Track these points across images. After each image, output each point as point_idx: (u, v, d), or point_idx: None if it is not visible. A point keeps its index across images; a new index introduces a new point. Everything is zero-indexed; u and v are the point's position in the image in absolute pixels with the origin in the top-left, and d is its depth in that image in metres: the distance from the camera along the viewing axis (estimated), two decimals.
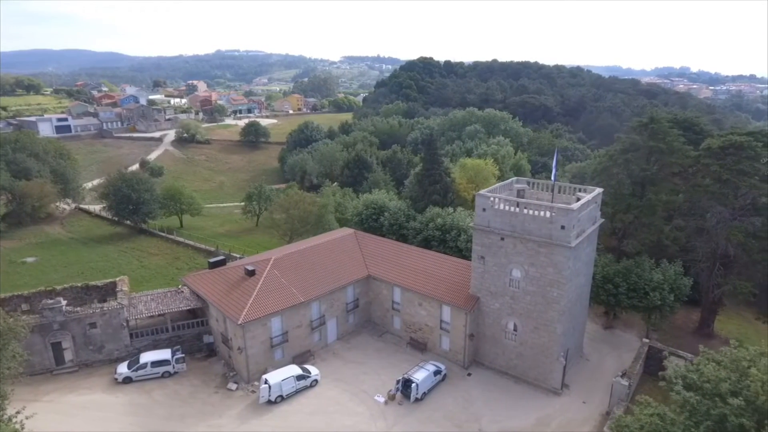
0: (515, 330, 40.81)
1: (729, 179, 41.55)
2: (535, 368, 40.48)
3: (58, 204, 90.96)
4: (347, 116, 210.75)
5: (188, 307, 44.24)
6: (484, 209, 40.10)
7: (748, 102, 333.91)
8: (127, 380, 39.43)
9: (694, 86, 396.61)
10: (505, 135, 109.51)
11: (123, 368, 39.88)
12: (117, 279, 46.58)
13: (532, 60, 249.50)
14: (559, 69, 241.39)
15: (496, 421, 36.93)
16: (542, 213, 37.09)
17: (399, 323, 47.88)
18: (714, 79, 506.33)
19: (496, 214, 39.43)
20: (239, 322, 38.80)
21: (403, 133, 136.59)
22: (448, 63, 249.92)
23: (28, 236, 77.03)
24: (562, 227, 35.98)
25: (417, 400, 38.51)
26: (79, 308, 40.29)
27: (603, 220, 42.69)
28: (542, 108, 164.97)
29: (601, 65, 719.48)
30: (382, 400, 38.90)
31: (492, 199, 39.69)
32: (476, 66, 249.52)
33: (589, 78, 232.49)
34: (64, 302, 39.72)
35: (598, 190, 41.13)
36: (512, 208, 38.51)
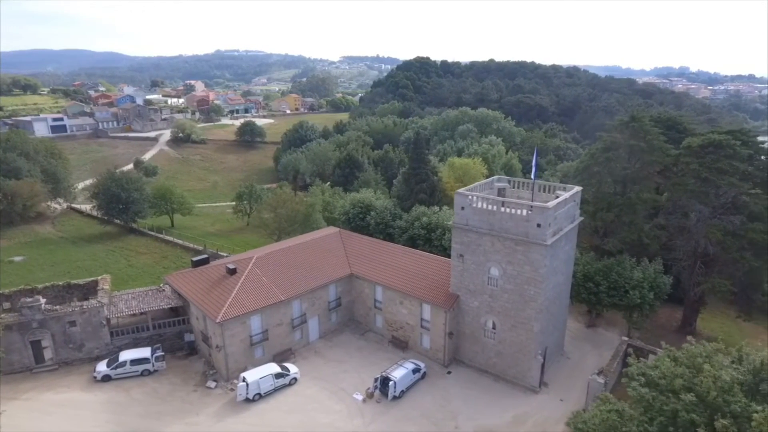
0: (494, 328, 40.89)
1: (708, 178, 41.61)
2: (514, 366, 40.55)
3: (49, 203, 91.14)
4: (344, 116, 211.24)
5: (169, 306, 44.32)
6: (462, 207, 40.18)
7: (747, 102, 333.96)
8: (106, 378, 39.51)
9: (693, 86, 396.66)
10: (498, 134, 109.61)
11: (102, 366, 39.96)
12: (99, 278, 46.63)
13: (528, 60, 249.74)
14: (555, 69, 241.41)
15: (472, 418, 37.00)
16: (519, 211, 37.17)
17: (381, 322, 47.96)
18: (713, 79, 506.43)
19: (474, 213, 39.50)
20: (217, 320, 38.88)
21: (398, 133, 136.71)
22: (444, 63, 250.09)
23: (18, 236, 77.14)
24: (538, 225, 36.05)
25: (395, 398, 38.57)
26: (58, 306, 40.36)
27: (582, 218, 42.78)
28: (537, 108, 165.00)
29: (600, 65, 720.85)
30: (360, 398, 38.98)
31: (470, 197, 39.78)
32: (473, 66, 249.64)
33: (585, 78, 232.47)
34: (43, 301, 39.79)
35: (577, 188, 41.21)
36: (490, 207, 38.59)
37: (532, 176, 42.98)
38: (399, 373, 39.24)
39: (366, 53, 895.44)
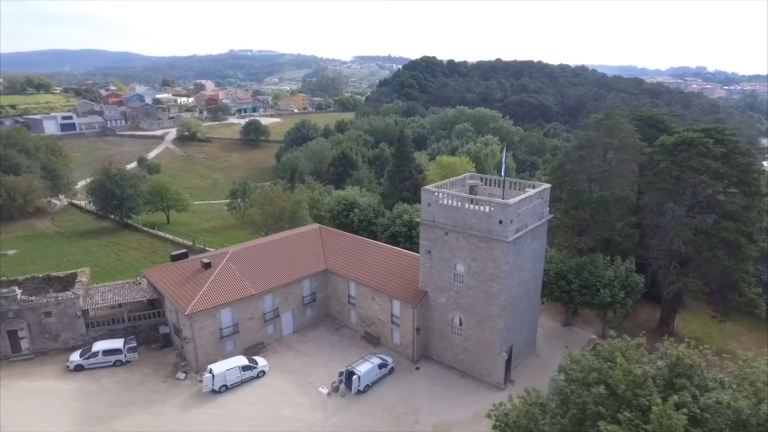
0: (461, 324, 41.04)
1: (680, 176, 41.23)
2: (480, 363, 40.65)
3: (49, 199, 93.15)
4: (350, 115, 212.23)
5: (143, 299, 45.23)
6: (429, 204, 40.40)
7: (763, 102, 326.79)
8: (79, 368, 40.50)
9: (708, 86, 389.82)
10: (495, 133, 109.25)
11: (75, 356, 40.97)
12: (78, 270, 47.74)
13: (536, 59, 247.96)
14: (562, 68, 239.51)
15: (434, 414, 37.20)
16: (482, 208, 37.30)
17: (355, 317, 48.35)
18: (730, 79, 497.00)
19: (440, 209, 39.71)
20: (186, 313, 39.64)
21: (398, 132, 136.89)
22: (451, 62, 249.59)
23: (15, 230, 79.06)
24: (500, 222, 36.13)
25: (359, 392, 38.93)
26: (34, 297, 41.47)
27: (552, 215, 42.69)
28: (540, 107, 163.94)
29: (614, 65, 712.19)
30: (325, 391, 39.42)
31: (436, 193, 39.98)
32: (479, 65, 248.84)
33: (592, 77, 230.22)
34: (18, 291, 40.92)
35: (545, 186, 41.16)
36: (454, 203, 38.76)
37: (502, 173, 43.11)
38: (364, 368, 39.60)
39: (378, 53, 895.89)
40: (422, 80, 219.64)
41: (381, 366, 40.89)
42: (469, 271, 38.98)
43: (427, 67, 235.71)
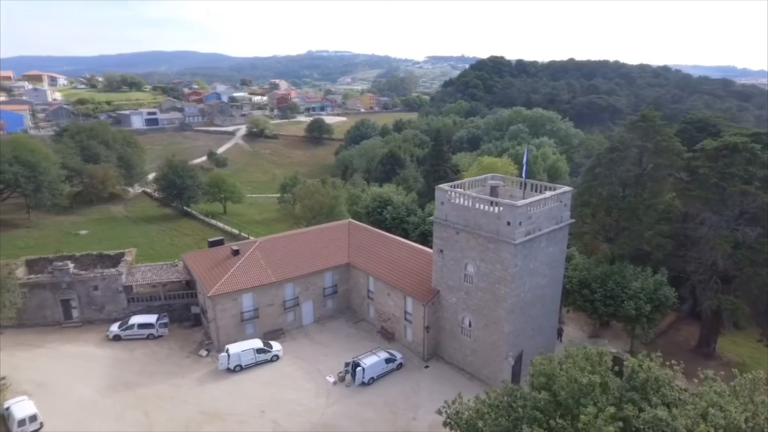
0: (470, 326, 40.58)
1: (718, 183, 37.97)
2: (487, 366, 39.98)
3: (124, 187, 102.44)
4: (414, 115, 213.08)
5: (177, 280, 48.92)
6: (442, 202, 40.33)
7: None
8: (117, 338, 44.73)
9: None
10: (552, 135, 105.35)
11: (114, 327, 45.27)
12: (125, 250, 52.53)
13: (612, 59, 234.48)
14: (642, 69, 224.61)
15: (432, 412, 37.05)
16: (491, 208, 36.72)
17: (373, 312, 49.18)
18: None
19: (452, 208, 39.52)
20: (209, 295, 42.51)
21: (454, 132, 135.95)
22: (520, 62, 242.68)
23: (92, 213, 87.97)
24: (508, 223, 35.39)
25: (364, 384, 39.74)
26: (83, 272, 46.31)
27: (573, 220, 40.95)
28: (610, 109, 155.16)
29: (711, 65, 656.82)
30: (332, 380, 40.64)
31: (449, 192, 39.81)
32: (550, 65, 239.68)
33: (674, 78, 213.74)
34: (71, 265, 45.90)
35: (565, 188, 39.62)
36: (466, 202, 38.42)
37: (523, 175, 42.04)
38: (369, 361, 40.35)
39: (451, 53, 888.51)
40: (488, 80, 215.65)
41: (388, 361, 41.39)
42: (479, 272, 38.49)
43: (494, 66, 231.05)
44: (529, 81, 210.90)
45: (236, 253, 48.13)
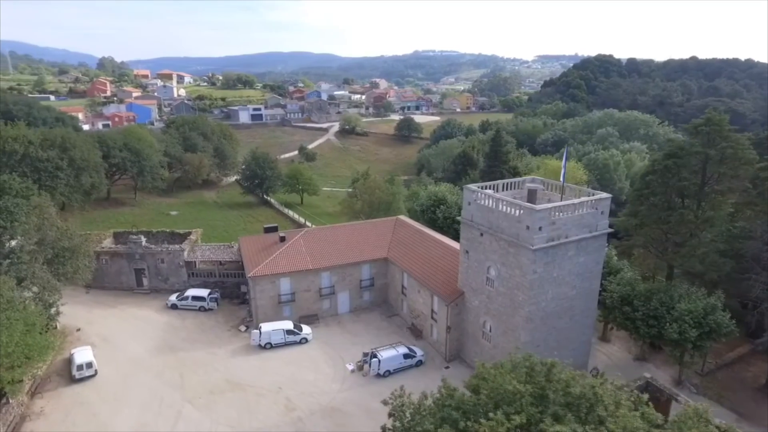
0: (490, 331, 39.49)
1: None
2: None
3: (219, 175, 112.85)
4: (510, 116, 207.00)
5: (231, 260, 53.42)
6: (469, 203, 39.66)
7: None
8: (174, 307, 50.16)
9: None
10: (646, 141, 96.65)
11: (173, 298, 50.79)
12: (193, 230, 58.45)
13: (743, 57, 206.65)
14: None
15: None
16: (513, 211, 35.44)
17: (406, 308, 49.62)
18: None
19: (478, 209, 38.74)
20: (249, 275, 46.08)
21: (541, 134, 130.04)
22: (631, 61, 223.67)
23: (187, 197, 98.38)
24: (527, 227, 33.97)
25: (379, 375, 40.54)
26: (152, 246, 52.53)
27: (611, 229, 37.91)
28: (730, 113, 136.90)
29: None
30: (351, 368, 41.99)
31: (477, 193, 39.02)
32: (666, 64, 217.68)
33: None
34: (143, 239, 52.31)
35: (602, 195, 36.85)
36: (490, 204, 37.45)
37: (561, 179, 39.87)
38: (387, 354, 41.03)
39: (563, 52, 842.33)
40: (591, 80, 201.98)
41: (407, 356, 41.71)
42: (499, 276, 37.37)
43: (600, 66, 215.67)
44: (639, 81, 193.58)
45: (283, 239, 51.36)
